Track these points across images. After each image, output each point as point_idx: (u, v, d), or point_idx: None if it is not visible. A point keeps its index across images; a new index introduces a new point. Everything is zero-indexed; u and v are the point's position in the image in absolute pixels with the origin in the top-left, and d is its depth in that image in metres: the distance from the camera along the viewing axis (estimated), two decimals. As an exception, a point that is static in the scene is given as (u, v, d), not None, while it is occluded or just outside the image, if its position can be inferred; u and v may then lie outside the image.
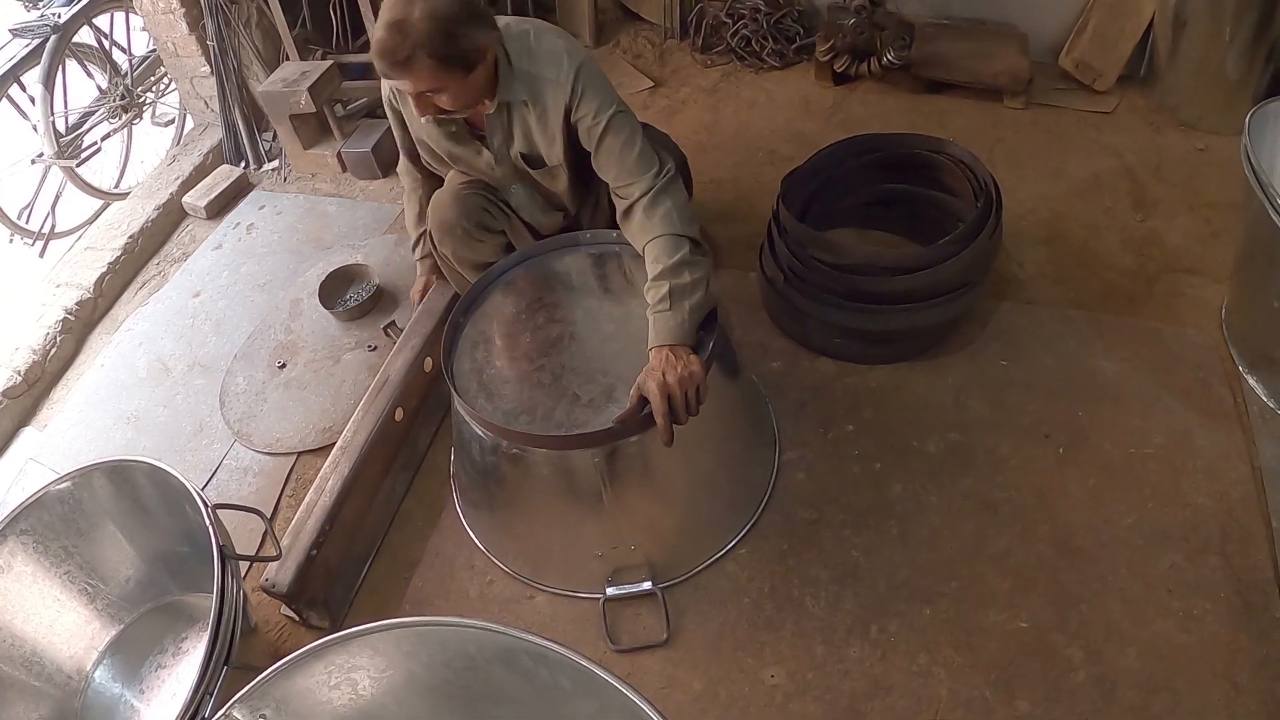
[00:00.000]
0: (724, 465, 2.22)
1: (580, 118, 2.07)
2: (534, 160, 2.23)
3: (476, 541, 2.29)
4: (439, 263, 2.52)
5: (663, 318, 1.88)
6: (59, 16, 3.75)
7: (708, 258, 2.03)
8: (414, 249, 2.64)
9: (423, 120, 2.12)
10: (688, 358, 1.83)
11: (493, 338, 2.08)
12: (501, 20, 2.08)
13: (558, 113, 2.09)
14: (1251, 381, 2.34)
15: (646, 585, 2.11)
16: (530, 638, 1.23)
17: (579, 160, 2.20)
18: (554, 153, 2.18)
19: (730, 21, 3.89)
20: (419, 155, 2.41)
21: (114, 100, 4.12)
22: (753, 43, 3.84)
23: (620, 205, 2.09)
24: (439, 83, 1.91)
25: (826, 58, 3.57)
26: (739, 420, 2.29)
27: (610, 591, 2.11)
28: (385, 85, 2.27)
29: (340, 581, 2.21)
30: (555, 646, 1.21)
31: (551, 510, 2.11)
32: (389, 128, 3.48)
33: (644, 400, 1.81)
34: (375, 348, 2.82)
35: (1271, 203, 2.07)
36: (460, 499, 2.38)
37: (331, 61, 3.55)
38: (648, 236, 2.01)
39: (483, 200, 2.34)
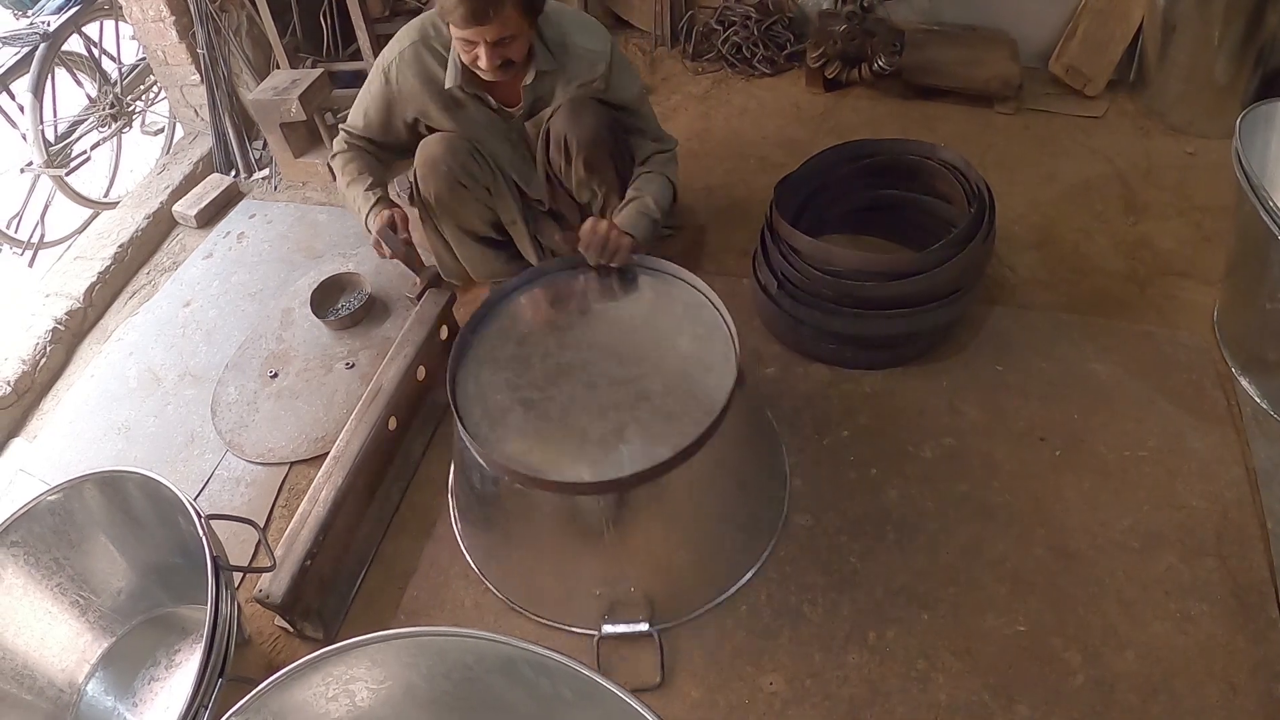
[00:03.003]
0: (730, 511, 2.13)
1: (617, 87, 2.41)
2: (533, 112, 2.47)
3: (470, 563, 2.25)
4: (422, 220, 2.64)
5: (644, 220, 2.32)
6: (48, 25, 3.74)
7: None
8: (365, 193, 2.47)
9: (481, 71, 2.22)
10: (627, 240, 2.19)
11: (501, 360, 2.03)
12: None
13: (588, 76, 2.37)
14: (1244, 383, 2.35)
15: (643, 626, 2.02)
16: (531, 647, 1.23)
17: None
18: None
19: (721, 28, 3.89)
20: (390, 133, 2.54)
21: (103, 109, 4.10)
22: (743, 49, 3.85)
23: (644, 149, 2.51)
24: (517, 28, 2.13)
25: (817, 64, 3.57)
26: (747, 465, 2.20)
27: (606, 629, 2.04)
28: (389, 58, 2.43)
29: (334, 592, 2.20)
30: (556, 656, 1.20)
31: (550, 544, 2.06)
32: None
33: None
34: (353, 365, 2.81)
35: (1263, 205, 2.08)
36: (458, 516, 2.34)
37: (322, 70, 3.54)
38: (659, 170, 2.46)
39: (469, 146, 2.45)
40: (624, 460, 1.78)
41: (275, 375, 2.82)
